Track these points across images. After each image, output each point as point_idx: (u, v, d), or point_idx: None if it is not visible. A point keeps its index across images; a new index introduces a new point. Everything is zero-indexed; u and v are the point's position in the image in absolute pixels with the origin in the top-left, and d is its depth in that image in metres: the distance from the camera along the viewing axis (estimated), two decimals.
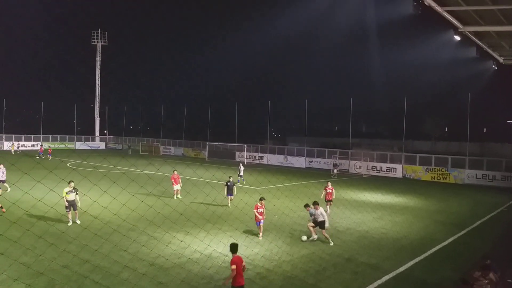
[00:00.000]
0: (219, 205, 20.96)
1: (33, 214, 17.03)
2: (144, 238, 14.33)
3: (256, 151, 52.61)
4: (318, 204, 15.25)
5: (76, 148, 68.47)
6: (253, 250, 13.64)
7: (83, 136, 73.47)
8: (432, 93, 71.17)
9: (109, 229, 14.92)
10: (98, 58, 76.77)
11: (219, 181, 28.24)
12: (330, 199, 19.83)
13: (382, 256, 13.79)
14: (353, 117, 48.89)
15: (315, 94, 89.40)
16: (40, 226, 15.16)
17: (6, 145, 59.26)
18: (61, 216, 16.64)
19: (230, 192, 21.10)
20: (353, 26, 75.88)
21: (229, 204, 21.09)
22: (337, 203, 21.99)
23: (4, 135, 62.94)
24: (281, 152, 50.89)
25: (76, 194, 16.52)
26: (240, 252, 13.09)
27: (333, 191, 20.14)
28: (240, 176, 30.69)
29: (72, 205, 16.36)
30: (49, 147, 51.03)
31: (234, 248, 9.27)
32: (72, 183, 16.59)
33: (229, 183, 21.11)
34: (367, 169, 41.80)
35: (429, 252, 14.53)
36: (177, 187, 23.01)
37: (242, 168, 31.36)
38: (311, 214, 15.35)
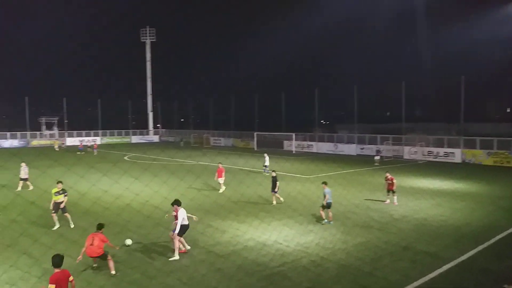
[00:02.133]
0: (261, 196, 21.06)
1: (98, 205, 18.05)
2: (202, 227, 14.75)
3: (305, 140, 52.13)
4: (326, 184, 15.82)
5: (132, 142, 71.78)
6: (307, 238, 13.62)
7: (138, 130, 76.80)
8: (493, 72, 66.44)
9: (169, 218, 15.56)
10: (148, 55, 79.39)
11: (272, 170, 28.53)
12: (392, 188, 18.99)
13: (442, 244, 13.22)
14: (405, 101, 46.94)
15: (365, 79, 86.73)
16: (105, 217, 16.03)
17: (69, 141, 63.27)
18: (125, 206, 17.50)
19: (273, 187, 18.93)
20: (403, 4, 72.40)
21: (274, 202, 18.85)
22: None
23: (66, 132, 67.31)
24: (330, 140, 50.06)
25: (65, 196, 15.09)
26: (295, 240, 13.24)
27: (394, 180, 19.03)
28: (265, 166, 28.71)
29: (60, 208, 14.91)
30: (95, 142, 53.52)
31: (56, 261, 7.37)
32: (60, 184, 15.15)
33: (272, 177, 19.21)
34: (423, 155, 40.07)
35: (492, 240, 13.71)
36: (221, 180, 22.16)
37: (267, 157, 29.40)
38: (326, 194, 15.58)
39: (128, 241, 11.76)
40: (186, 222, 12.09)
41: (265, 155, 29.64)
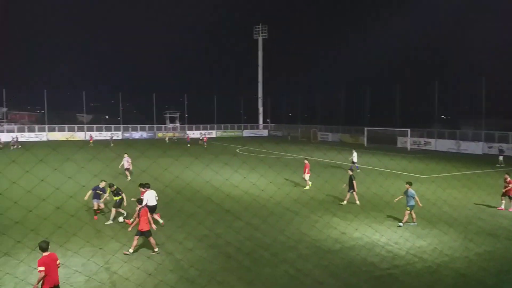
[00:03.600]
0: (376, 194, 19.90)
1: (205, 192, 19.11)
2: (308, 221, 14.58)
3: (421, 136, 48.24)
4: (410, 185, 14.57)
5: (243, 135, 74.94)
6: (423, 242, 12.46)
7: (248, 125, 79.93)
8: None
9: (276, 209, 15.77)
10: (260, 51, 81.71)
11: (385, 168, 27.11)
12: (511, 194, 16.49)
13: None
14: None
15: (494, 70, 76.58)
16: (211, 204, 16.92)
17: (189, 134, 68.71)
18: (228, 193, 18.21)
19: (351, 186, 17.29)
20: None
21: (344, 202, 17.35)
22: None
23: (186, 125, 73.24)
24: (451, 137, 45.44)
25: (117, 194, 14.66)
26: (408, 243, 12.21)
27: None
28: (353, 163, 26.89)
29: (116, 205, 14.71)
30: (205, 135, 56.43)
31: (42, 246, 7.77)
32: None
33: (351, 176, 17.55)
34: None
35: None
36: (307, 176, 21.12)
37: (355, 154, 27.33)
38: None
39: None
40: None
41: (353, 151, 27.75)
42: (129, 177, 23.49)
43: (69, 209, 14.83)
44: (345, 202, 17.32)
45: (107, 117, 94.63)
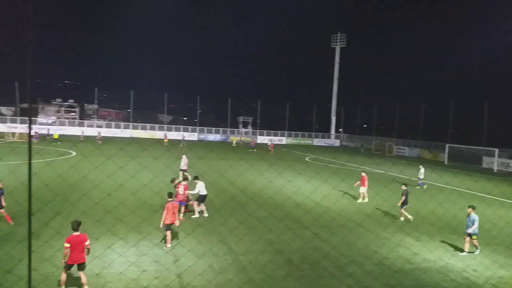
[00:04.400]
0: (455, 216, 18.58)
1: (277, 199, 19.30)
2: (372, 237, 14.13)
3: (511, 158, 44.13)
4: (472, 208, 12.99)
5: (314, 144, 74.31)
6: (505, 272, 11.42)
7: (320, 133, 79.07)
8: None
9: (347, 223, 15.50)
10: (337, 60, 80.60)
11: (467, 189, 25.27)
12: None
13: None
14: None
15: None
16: (281, 211, 17.05)
17: (260, 139, 69.85)
18: (299, 203, 18.22)
19: (405, 202, 16.75)
20: None
21: (402, 218, 16.94)
22: None
23: (258, 131, 74.51)
24: None
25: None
26: (489, 271, 11.32)
27: None
28: (420, 179, 26.04)
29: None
30: (271, 142, 56.29)
31: (73, 226, 8.58)
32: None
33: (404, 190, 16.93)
34: None
35: None
36: (363, 189, 20.50)
37: (422, 170, 26.31)
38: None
39: None
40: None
41: (420, 166, 26.95)
42: (180, 178, 22.45)
43: (155, 203, 15.93)
44: (409, 217, 16.72)
45: (185, 118, 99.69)
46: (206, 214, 15.53)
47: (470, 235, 12.81)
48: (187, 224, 14.40)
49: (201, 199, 15.40)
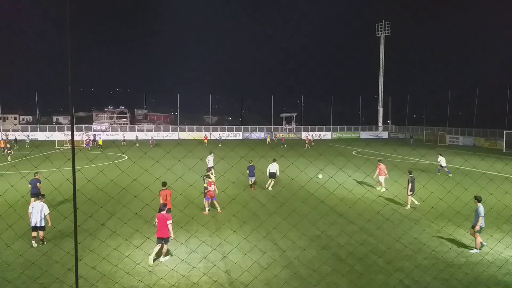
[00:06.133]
0: (509, 207, 17.50)
1: (319, 195, 19.15)
2: (420, 229, 13.70)
3: None
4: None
5: (361, 137, 72.68)
6: None
7: (367, 126, 77.15)
8: None
9: (393, 216, 15.15)
10: (382, 49, 78.23)
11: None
12: None
13: None
14: None
15: None
16: (324, 206, 16.94)
17: (304, 135, 69.38)
18: (342, 197, 17.97)
19: (412, 188, 17.26)
20: None
21: (408, 206, 17.36)
22: None
23: (302, 127, 74.04)
24: None
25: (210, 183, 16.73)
26: None
27: None
28: (442, 167, 26.20)
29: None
30: (307, 137, 55.27)
31: (160, 207, 11.23)
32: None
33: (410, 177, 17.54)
34: None
35: None
36: (381, 178, 20.87)
37: (441, 157, 26.51)
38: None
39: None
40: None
41: (439, 154, 27.33)
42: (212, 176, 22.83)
43: (200, 202, 16.48)
44: (416, 203, 17.28)
45: (229, 118, 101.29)
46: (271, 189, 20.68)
47: (477, 229, 11.65)
48: (234, 222, 14.76)
49: (272, 175, 21.12)
